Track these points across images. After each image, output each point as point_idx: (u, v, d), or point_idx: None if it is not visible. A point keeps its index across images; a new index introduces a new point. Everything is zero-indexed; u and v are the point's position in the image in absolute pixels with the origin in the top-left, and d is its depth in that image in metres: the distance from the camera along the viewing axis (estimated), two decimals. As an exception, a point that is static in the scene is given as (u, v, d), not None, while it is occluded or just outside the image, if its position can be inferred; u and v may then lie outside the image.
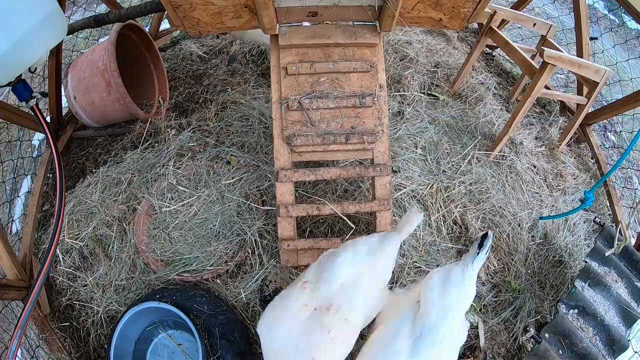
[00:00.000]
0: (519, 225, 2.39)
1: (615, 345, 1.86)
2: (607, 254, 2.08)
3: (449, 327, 1.37)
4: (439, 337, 1.36)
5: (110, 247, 2.24)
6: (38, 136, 3.11)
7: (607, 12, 4.71)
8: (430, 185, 2.40)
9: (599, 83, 2.49)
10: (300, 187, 2.35)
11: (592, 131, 3.01)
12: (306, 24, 2.02)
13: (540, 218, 2.42)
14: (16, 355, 1.57)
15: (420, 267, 2.16)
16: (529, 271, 2.27)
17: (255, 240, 2.16)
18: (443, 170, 2.51)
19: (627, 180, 3.10)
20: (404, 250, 2.19)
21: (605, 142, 3.37)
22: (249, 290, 2.07)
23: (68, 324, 2.16)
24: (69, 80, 2.65)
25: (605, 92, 3.47)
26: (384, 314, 1.57)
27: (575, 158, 2.92)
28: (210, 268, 2.10)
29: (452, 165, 2.55)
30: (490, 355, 2.00)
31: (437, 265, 2.17)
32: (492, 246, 2.29)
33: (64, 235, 2.25)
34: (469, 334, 2.03)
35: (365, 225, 2.26)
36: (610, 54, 3.68)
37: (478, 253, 1.41)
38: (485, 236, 1.40)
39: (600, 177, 2.76)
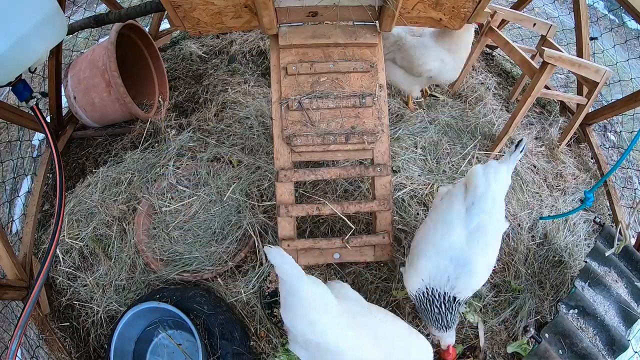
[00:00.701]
0: (519, 225, 2.39)
1: (615, 345, 1.86)
2: (607, 254, 2.07)
3: (494, 198, 1.62)
4: (488, 204, 1.60)
5: (110, 247, 2.24)
6: (38, 136, 3.11)
7: (607, 12, 4.71)
8: (430, 185, 2.40)
9: (599, 83, 2.49)
10: (300, 187, 2.35)
11: (592, 131, 3.01)
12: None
13: (540, 218, 2.42)
14: (16, 355, 1.57)
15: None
16: (529, 271, 2.27)
17: (255, 240, 2.16)
18: (443, 170, 2.51)
19: (627, 180, 3.09)
20: (404, 250, 2.20)
21: (605, 142, 3.36)
22: (249, 290, 2.07)
23: (68, 324, 2.16)
24: (69, 80, 2.65)
25: (605, 92, 3.46)
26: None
27: (575, 158, 2.92)
28: (210, 268, 2.10)
29: (452, 165, 2.55)
30: (490, 355, 2.00)
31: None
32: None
33: (64, 235, 2.25)
34: (469, 334, 2.03)
35: (365, 225, 2.27)
36: (610, 54, 3.68)
37: (514, 152, 1.70)
38: (520, 141, 1.71)
39: (600, 177, 2.76)
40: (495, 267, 2.22)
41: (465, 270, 1.56)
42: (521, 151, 1.70)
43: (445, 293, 1.57)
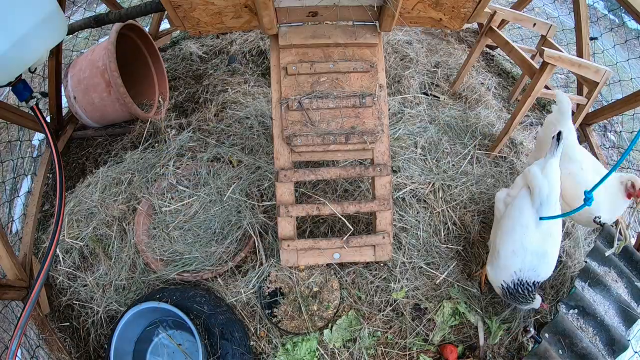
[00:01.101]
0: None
1: (615, 345, 1.86)
2: (607, 254, 2.07)
3: (556, 195, 1.85)
4: (552, 203, 1.84)
5: (110, 247, 2.24)
6: (38, 136, 3.11)
7: (607, 12, 4.71)
8: (430, 184, 2.41)
9: (599, 83, 2.49)
10: (300, 187, 2.35)
11: (592, 131, 3.01)
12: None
13: (540, 218, 2.41)
14: (16, 355, 1.57)
15: (421, 266, 2.16)
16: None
17: (255, 240, 2.16)
18: (443, 170, 2.51)
19: (627, 180, 3.09)
20: (404, 250, 2.20)
21: (605, 142, 3.37)
22: (249, 290, 2.07)
23: (68, 324, 2.16)
24: (69, 80, 2.65)
25: (605, 92, 3.46)
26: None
27: (575, 158, 2.92)
28: (210, 268, 2.10)
29: (452, 165, 2.55)
30: (491, 355, 2.01)
31: (439, 266, 2.18)
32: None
33: (64, 235, 2.25)
34: (468, 334, 2.03)
35: (365, 225, 2.27)
36: (610, 54, 3.69)
37: (557, 145, 1.88)
38: (559, 134, 1.87)
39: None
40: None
41: (544, 260, 1.87)
42: (562, 143, 1.89)
43: (532, 280, 1.87)
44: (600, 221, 2.29)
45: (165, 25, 3.63)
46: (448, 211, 2.34)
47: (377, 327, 2.03)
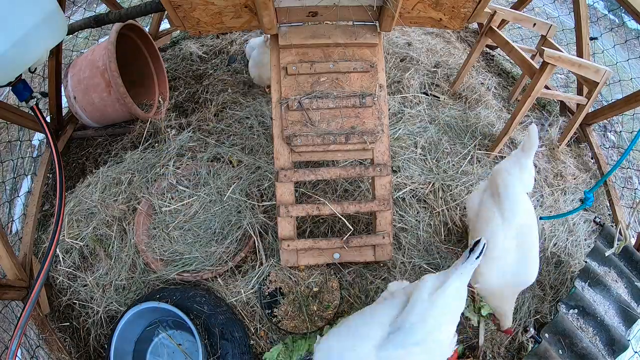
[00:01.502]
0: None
1: (615, 345, 1.86)
2: (607, 254, 2.08)
3: (429, 333, 1.35)
4: (415, 338, 1.33)
5: (110, 247, 2.24)
6: (38, 136, 3.11)
7: (607, 12, 4.71)
8: (430, 184, 2.40)
9: (599, 83, 2.49)
10: (300, 187, 2.35)
11: (592, 131, 3.01)
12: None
13: (541, 218, 2.41)
14: (16, 355, 1.57)
15: (422, 266, 2.16)
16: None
17: (255, 240, 2.16)
18: (443, 170, 2.51)
19: (627, 180, 3.09)
20: (404, 250, 2.20)
21: (605, 142, 3.37)
22: (249, 290, 2.07)
23: (68, 324, 2.16)
24: (69, 80, 2.65)
25: (605, 92, 3.46)
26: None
27: (575, 158, 2.92)
28: (210, 268, 2.10)
29: (453, 164, 2.55)
30: (491, 355, 2.00)
31: (439, 266, 2.18)
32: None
33: (64, 235, 2.25)
34: (468, 335, 2.03)
35: (365, 225, 2.27)
36: (610, 54, 3.69)
37: (468, 257, 1.38)
38: (477, 242, 1.38)
39: (600, 177, 2.76)
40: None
41: None
42: (476, 257, 1.38)
43: None
44: (600, 221, 2.29)
45: (165, 25, 3.63)
46: (448, 211, 2.34)
47: (377, 327, 2.03)
